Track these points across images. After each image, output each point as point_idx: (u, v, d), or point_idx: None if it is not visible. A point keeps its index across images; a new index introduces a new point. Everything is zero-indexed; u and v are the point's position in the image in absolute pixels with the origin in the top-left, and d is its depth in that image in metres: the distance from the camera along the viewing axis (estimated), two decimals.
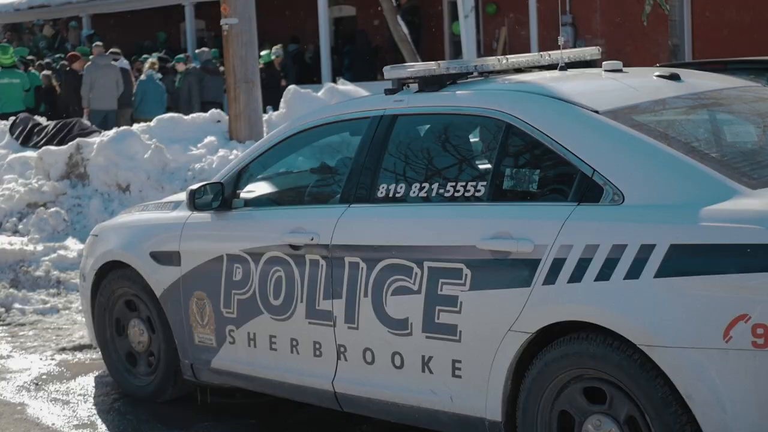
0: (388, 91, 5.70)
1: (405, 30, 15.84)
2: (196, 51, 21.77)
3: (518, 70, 5.89)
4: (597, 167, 4.64)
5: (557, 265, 4.55)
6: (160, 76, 20.25)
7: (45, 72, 21.19)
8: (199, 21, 27.20)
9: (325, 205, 5.87)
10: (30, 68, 20.37)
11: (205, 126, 12.81)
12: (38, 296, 9.77)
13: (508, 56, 5.88)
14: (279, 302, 5.77)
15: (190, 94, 19.68)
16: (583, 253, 4.48)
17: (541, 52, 6.10)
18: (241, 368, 6.15)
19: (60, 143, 12.90)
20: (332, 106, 7.16)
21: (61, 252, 10.66)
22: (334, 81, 20.69)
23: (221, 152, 11.97)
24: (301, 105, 12.72)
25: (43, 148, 12.56)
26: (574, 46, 19.52)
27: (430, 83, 5.50)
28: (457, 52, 23.21)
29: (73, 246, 10.84)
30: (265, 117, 12.95)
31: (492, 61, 5.79)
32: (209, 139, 12.35)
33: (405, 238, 5.20)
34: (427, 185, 5.30)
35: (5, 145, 13.86)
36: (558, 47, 6.02)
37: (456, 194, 5.14)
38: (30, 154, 12.87)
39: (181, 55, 21.34)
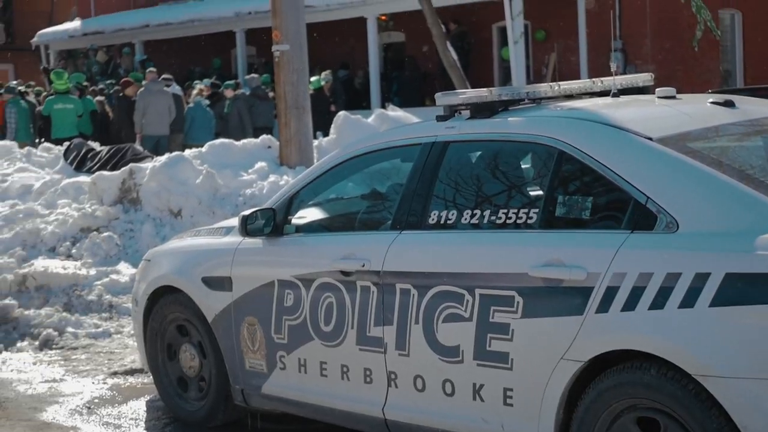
0: (439, 118, 5.71)
1: (454, 56, 15.83)
2: (246, 77, 21.92)
3: (570, 97, 5.88)
4: (651, 194, 4.61)
5: (610, 293, 4.52)
6: (207, 102, 20.42)
7: (98, 97, 21.44)
8: (250, 47, 27.39)
9: (376, 232, 5.88)
10: (85, 94, 20.60)
11: (255, 152, 12.88)
12: (91, 320, 9.85)
13: (559, 83, 5.86)
14: (330, 328, 5.77)
15: (240, 120, 19.82)
16: (637, 282, 4.44)
17: (593, 79, 6.08)
18: (291, 394, 6.15)
19: (113, 168, 13.03)
20: (383, 132, 7.18)
21: (114, 276, 10.74)
22: (383, 107, 20.76)
23: (272, 178, 12.02)
24: (351, 131, 12.77)
25: (97, 173, 12.69)
26: (624, 72, 19.43)
27: (481, 110, 5.50)
28: (506, 78, 23.20)
29: (125, 270, 10.93)
30: (316, 143, 13.00)
31: (544, 88, 5.78)
32: (260, 164, 12.41)
33: (456, 265, 5.18)
34: (478, 212, 5.29)
35: (59, 170, 14.03)
36: (609, 73, 6.00)
37: (508, 221, 5.13)
38: (84, 179, 13.00)
39: (230, 82, 21.50)
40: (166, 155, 12.69)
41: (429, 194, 5.51)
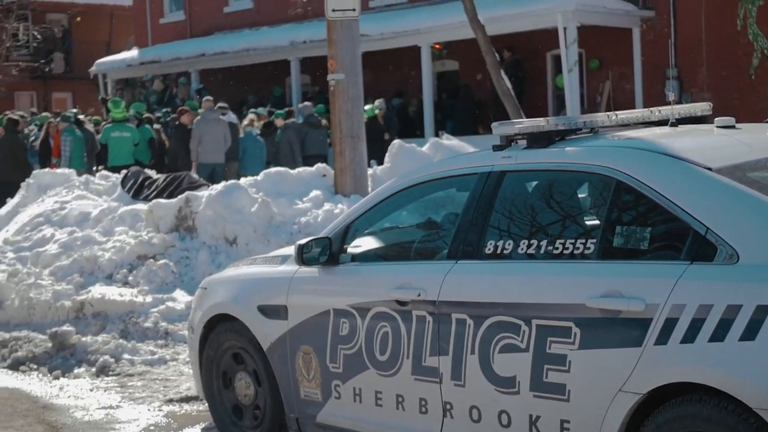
0: (496, 148, 5.71)
1: (508, 84, 15.84)
2: (299, 106, 22.05)
3: (627, 126, 5.85)
4: (710, 225, 4.57)
5: (669, 325, 4.48)
6: (258, 132, 20.56)
7: (155, 126, 21.65)
8: (304, 76, 27.58)
9: (432, 261, 5.88)
10: (143, 122, 20.84)
11: (310, 180, 12.91)
12: (147, 347, 9.92)
13: (617, 112, 5.84)
14: (385, 358, 5.77)
15: (291, 149, 19.96)
16: (697, 313, 4.40)
17: (651, 108, 6.04)
18: (346, 423, 6.15)
19: (170, 196, 13.13)
20: (440, 162, 7.19)
21: (170, 304, 10.82)
22: (437, 135, 20.77)
23: (327, 206, 12.05)
24: (406, 159, 12.77)
25: (153, 201, 12.80)
26: (680, 100, 19.31)
27: (538, 139, 5.50)
28: (560, 106, 23.15)
29: (180, 298, 11.00)
30: (370, 171, 13.02)
31: (601, 117, 5.76)
32: (315, 193, 12.44)
33: (513, 296, 5.17)
34: (535, 242, 5.28)
35: (117, 197, 14.16)
36: (664, 101, 5.96)
37: (564, 251, 5.11)
38: (141, 206, 13.11)
39: (281, 111, 21.63)
40: (222, 183, 12.76)
41: (485, 224, 5.50)
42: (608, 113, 5.81)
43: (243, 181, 13.03)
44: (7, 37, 33.10)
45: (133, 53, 31.85)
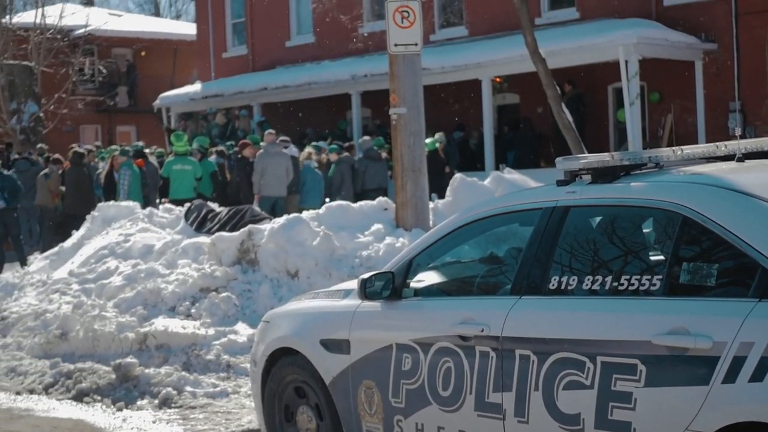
0: (560, 183, 5.69)
1: (569, 117, 15.78)
2: (360, 140, 22.15)
3: (693, 161, 5.80)
4: None
5: (737, 363, 4.41)
6: (316, 165, 20.67)
7: (218, 159, 21.84)
8: (365, 109, 27.70)
9: (495, 297, 5.86)
10: (206, 156, 21.04)
11: (372, 213, 12.95)
12: (209, 380, 9.97)
13: (682, 147, 5.80)
14: (448, 393, 5.74)
15: (342, 183, 20.07)
16: (765, 352, 4.33)
17: (717, 143, 5.98)
18: None
19: (232, 229, 13.23)
20: (503, 197, 7.19)
21: (232, 336, 10.88)
22: (498, 168, 20.74)
23: (388, 240, 12.07)
24: (468, 193, 12.77)
25: (216, 234, 12.90)
26: (744, 134, 19.11)
27: (603, 175, 5.47)
28: (622, 139, 23.01)
29: (243, 331, 11.05)
30: (432, 205, 13.03)
31: (666, 152, 5.72)
32: (376, 226, 12.47)
33: (577, 332, 5.13)
34: (600, 278, 5.24)
35: (180, 230, 14.30)
36: (726, 134, 5.90)
37: (630, 287, 5.06)
38: (203, 239, 13.23)
39: (334, 145, 21.72)
40: (285, 217, 12.84)
41: (549, 259, 5.48)
42: (673, 148, 5.77)
43: (305, 214, 13.10)
44: (74, 71, 33.68)
45: (196, 87, 32.24)
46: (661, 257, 5.15)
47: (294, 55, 30.76)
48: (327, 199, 18.62)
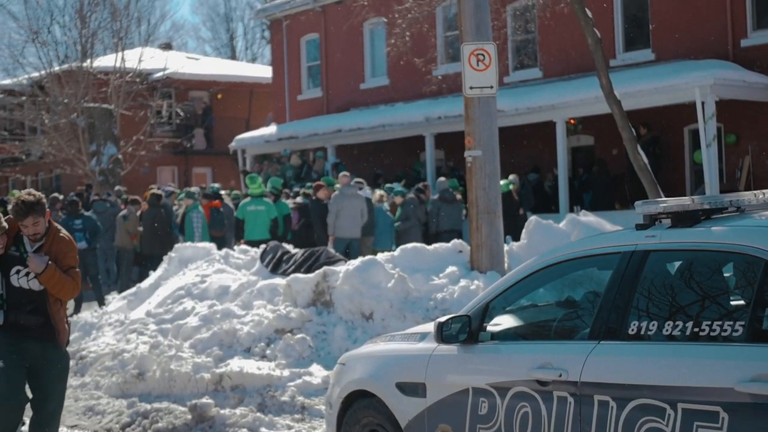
0: (639, 226, 5.65)
1: (645, 159, 15.63)
2: (437, 181, 22.15)
3: None
4: None
5: None
6: (387, 207, 20.71)
7: (293, 201, 21.98)
8: (439, 151, 27.74)
9: (573, 341, 5.82)
10: (280, 198, 21.19)
11: (447, 256, 12.94)
12: (284, 421, 9.99)
13: (764, 191, 5.72)
14: None
15: (408, 225, 20.13)
16: None
17: None
18: None
19: (307, 271, 13.30)
20: (581, 241, 7.14)
21: (306, 378, 10.90)
22: (572, 210, 20.60)
23: (463, 282, 12.04)
24: (543, 236, 12.71)
25: (292, 275, 12.98)
26: None
27: (683, 219, 5.42)
28: (698, 181, 22.74)
29: (317, 372, 11.07)
30: (507, 247, 12.98)
31: (747, 196, 5.66)
32: (451, 269, 12.45)
33: (657, 378, 5.07)
34: (680, 323, 5.18)
35: (256, 271, 14.42)
36: None
37: (711, 333, 5.00)
38: (279, 281, 13.31)
39: (399, 189, 21.74)
40: (359, 259, 12.88)
41: (628, 304, 5.44)
42: (755, 192, 5.70)
43: (380, 256, 13.13)
44: (152, 114, 34.24)
45: (271, 129, 32.55)
46: (743, 303, 5.08)
47: (368, 98, 30.97)
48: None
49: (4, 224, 7.53)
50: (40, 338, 7.57)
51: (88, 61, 32.84)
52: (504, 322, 6.39)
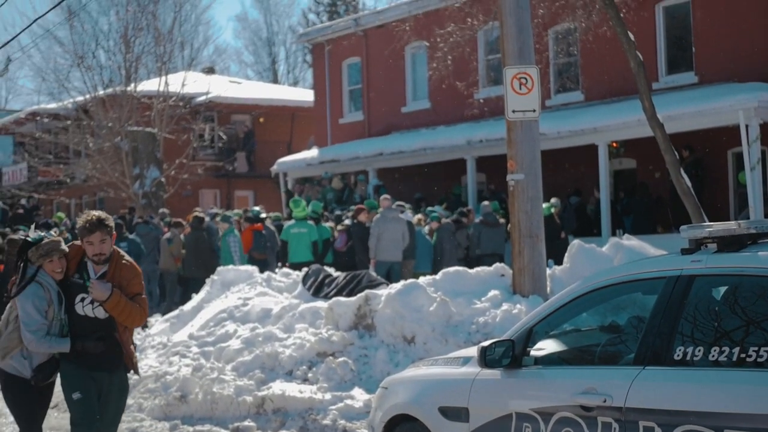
0: (684, 251, 5.62)
1: (688, 183, 15.53)
2: (481, 204, 22.09)
3: None
4: None
5: None
6: (426, 230, 20.71)
7: (332, 224, 22.03)
8: (480, 174, 27.71)
9: (618, 367, 5.78)
10: (321, 221, 21.25)
11: (488, 279, 12.89)
12: None
13: None
14: None
15: (442, 250, 20.11)
16: None
17: None
18: None
19: (349, 294, 13.31)
20: (625, 265, 7.11)
21: (348, 401, 10.89)
22: (614, 233, 20.48)
23: (505, 306, 11.98)
24: (586, 260, 12.64)
25: (333, 299, 12.99)
26: None
27: (729, 243, 5.39)
28: (742, 205, 22.53)
29: (359, 396, 11.06)
30: (549, 271, 12.91)
31: None
32: (493, 292, 12.40)
33: (704, 404, 5.03)
34: (726, 349, 5.14)
35: (297, 294, 14.45)
36: None
37: (758, 359, 4.96)
38: (321, 304, 13.33)
39: (435, 214, 21.72)
40: (401, 282, 12.87)
41: (673, 329, 5.40)
42: None
43: (421, 279, 13.11)
44: (194, 137, 34.48)
45: (313, 152, 32.69)
46: None
47: (409, 121, 31.01)
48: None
49: (64, 247, 7.40)
50: (108, 366, 7.46)
51: (132, 85, 33.16)
52: (548, 346, 6.37)
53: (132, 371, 7.68)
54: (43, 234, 7.57)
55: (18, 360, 7.35)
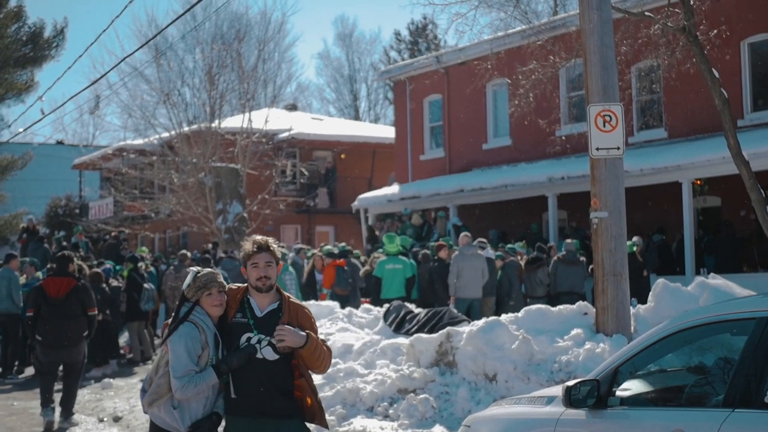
0: None
1: None
2: (564, 242, 21.93)
3: None
4: None
5: None
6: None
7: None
8: (561, 211, 27.57)
9: (706, 409, 5.71)
10: (407, 256, 21.29)
11: (571, 318, 12.80)
12: None
13: None
14: None
15: (510, 287, 20.02)
16: None
17: None
18: None
19: (431, 331, 13.32)
20: (713, 306, 7.03)
21: None
22: (698, 272, 20.20)
23: (588, 345, 11.88)
24: (671, 299, 12.49)
25: (415, 335, 13.00)
26: None
27: None
28: None
29: None
30: (633, 310, 12.78)
31: None
32: (576, 331, 12.31)
33: None
34: None
35: (379, 331, 14.49)
36: None
37: None
38: (402, 340, 13.35)
39: (499, 252, 21.63)
40: (483, 320, 12.84)
41: (764, 372, 5.31)
42: None
43: (503, 317, 13.07)
44: (277, 173, 34.83)
45: (393, 189, 32.81)
46: None
47: (491, 158, 31.01)
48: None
49: (222, 280, 6.65)
50: (276, 414, 6.41)
51: (216, 121, 33.67)
52: (633, 387, 6.31)
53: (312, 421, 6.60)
54: (198, 268, 6.76)
55: (167, 411, 6.46)
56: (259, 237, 6.62)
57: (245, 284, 6.64)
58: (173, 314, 6.59)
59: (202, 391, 6.38)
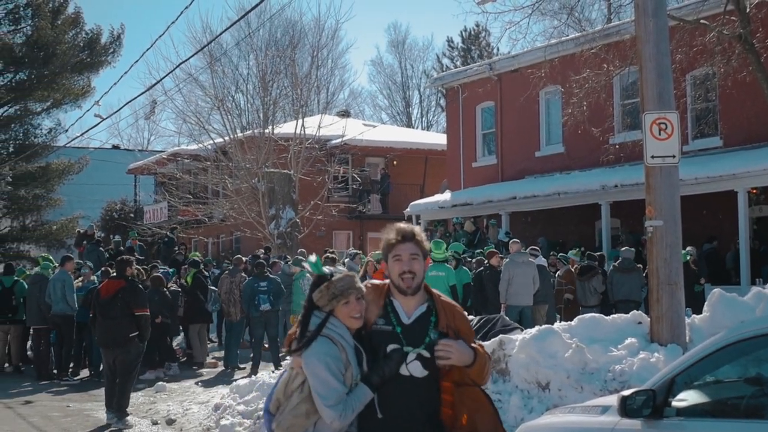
0: None
1: None
2: (620, 250, 21.83)
3: None
4: None
5: None
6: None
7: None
8: (614, 219, 27.44)
9: (764, 420, 5.67)
10: (462, 264, 21.27)
11: (625, 327, 12.70)
12: None
13: None
14: None
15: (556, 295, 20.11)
16: None
17: None
18: None
19: (483, 338, 13.28)
20: None
21: None
22: (754, 282, 20.00)
23: (642, 354, 11.78)
24: (726, 309, 12.35)
25: None
26: None
27: None
28: None
29: None
30: (688, 320, 12.66)
31: None
32: (630, 340, 12.20)
33: None
34: None
35: None
36: None
37: None
38: None
39: (540, 263, 21.60)
40: (536, 327, 12.80)
41: None
42: None
43: (557, 325, 13.02)
44: (329, 179, 34.98)
45: (445, 195, 32.83)
46: None
47: (543, 165, 30.95)
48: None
49: (360, 286, 5.39)
50: None
51: (270, 127, 33.89)
52: (690, 397, 6.26)
53: None
54: (332, 269, 5.54)
55: None
56: (403, 224, 5.51)
57: (386, 281, 5.48)
58: (300, 326, 5.38)
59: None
